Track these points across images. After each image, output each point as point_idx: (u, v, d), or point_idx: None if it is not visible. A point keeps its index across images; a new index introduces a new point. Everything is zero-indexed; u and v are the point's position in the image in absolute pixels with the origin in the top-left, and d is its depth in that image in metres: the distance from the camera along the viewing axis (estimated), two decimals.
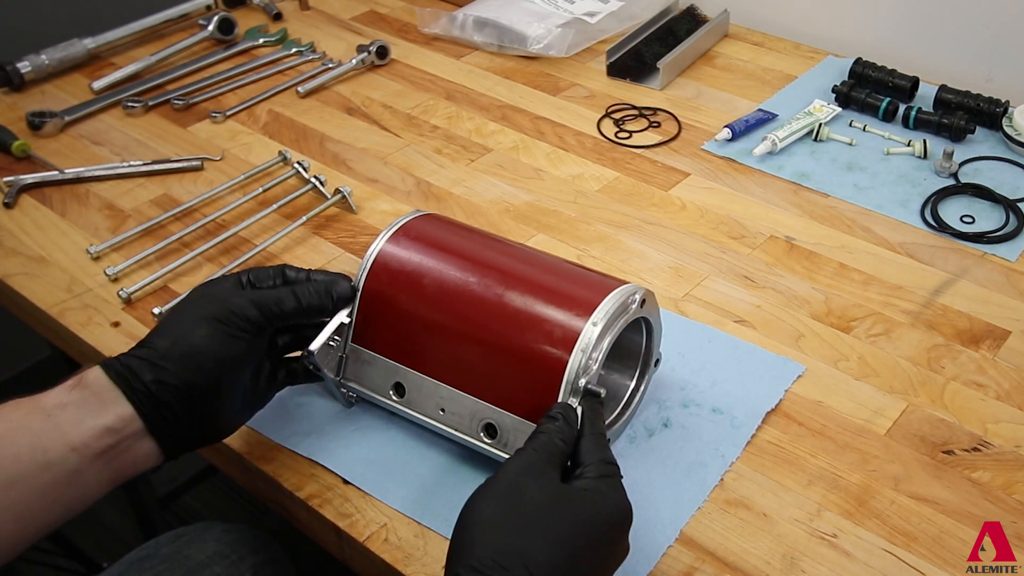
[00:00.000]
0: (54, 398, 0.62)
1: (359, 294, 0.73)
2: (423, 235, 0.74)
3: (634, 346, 0.74)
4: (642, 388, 0.75)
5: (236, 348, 0.66)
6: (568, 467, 0.62)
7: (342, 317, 0.73)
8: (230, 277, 0.71)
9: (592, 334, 0.65)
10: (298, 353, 0.74)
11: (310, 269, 0.74)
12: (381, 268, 0.73)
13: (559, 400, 0.65)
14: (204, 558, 0.80)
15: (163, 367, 0.64)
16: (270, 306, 0.68)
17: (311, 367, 0.73)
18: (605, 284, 0.69)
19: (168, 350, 0.65)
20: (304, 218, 0.99)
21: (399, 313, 0.72)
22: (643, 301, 0.69)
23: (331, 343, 0.73)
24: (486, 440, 0.69)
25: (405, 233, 0.74)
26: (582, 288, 0.69)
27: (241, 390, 0.69)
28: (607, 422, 0.71)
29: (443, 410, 0.71)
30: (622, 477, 0.61)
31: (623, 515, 0.59)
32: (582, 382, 0.65)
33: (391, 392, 0.73)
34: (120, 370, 0.64)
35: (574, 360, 0.65)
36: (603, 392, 0.65)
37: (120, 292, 0.90)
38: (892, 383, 0.81)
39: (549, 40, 1.28)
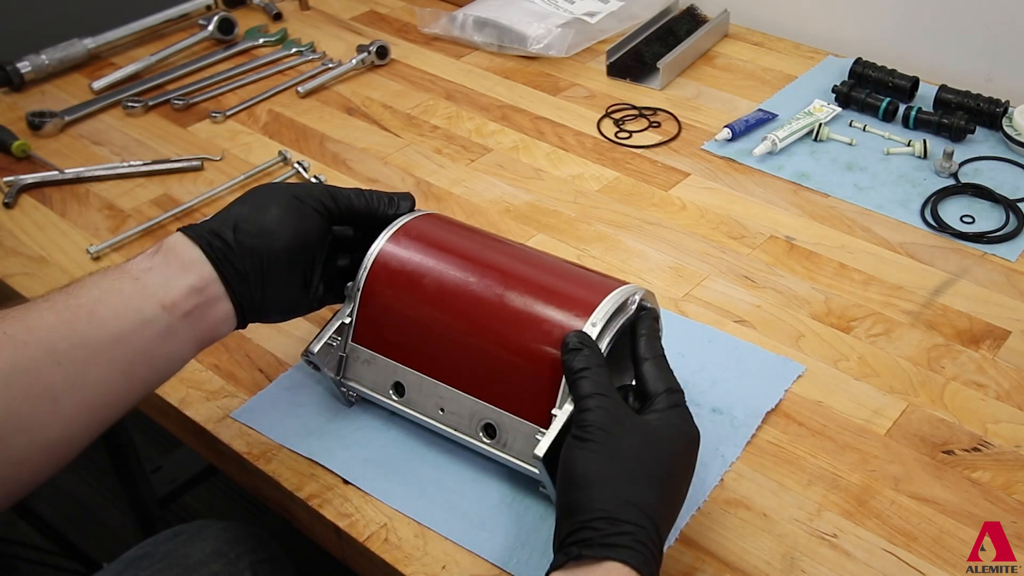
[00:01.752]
0: (139, 264, 0.66)
1: (359, 293, 0.73)
2: (424, 235, 0.74)
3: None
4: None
5: (308, 225, 0.70)
6: (636, 391, 0.66)
7: (343, 317, 0.73)
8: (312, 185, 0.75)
9: (591, 335, 0.65)
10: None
11: (386, 194, 0.77)
12: (381, 268, 0.73)
13: (558, 400, 0.65)
14: (202, 556, 0.80)
15: (243, 229, 0.68)
16: (342, 198, 0.73)
17: (311, 366, 0.73)
18: (604, 284, 0.69)
19: (246, 216, 0.68)
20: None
21: (399, 312, 0.72)
22: (642, 301, 0.69)
23: (331, 343, 0.73)
24: (485, 440, 0.69)
25: (406, 233, 0.74)
26: (581, 288, 0.69)
27: (305, 271, 0.72)
28: None
29: (442, 410, 0.71)
30: (685, 401, 0.64)
31: (695, 440, 0.64)
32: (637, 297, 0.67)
33: (391, 391, 0.73)
34: (200, 232, 0.67)
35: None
36: (659, 309, 0.67)
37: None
38: (892, 383, 0.81)
39: (549, 40, 1.28)
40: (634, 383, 0.66)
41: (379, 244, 0.74)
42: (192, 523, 0.85)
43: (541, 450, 0.63)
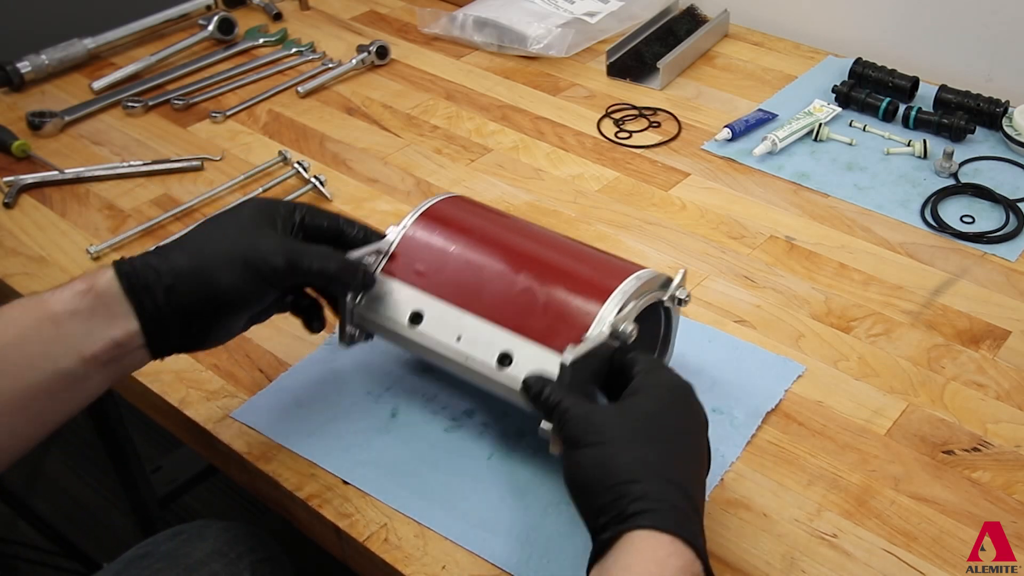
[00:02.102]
0: (64, 303, 0.62)
1: (400, 235, 0.74)
2: (474, 205, 0.79)
3: (649, 339, 0.74)
4: None
5: (252, 292, 0.67)
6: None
7: (382, 246, 0.74)
8: (280, 205, 0.71)
9: (632, 286, 0.67)
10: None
11: (366, 227, 0.74)
12: (432, 214, 0.75)
13: (588, 332, 0.66)
14: (203, 556, 0.80)
15: (176, 288, 0.64)
16: (303, 262, 0.68)
17: (344, 280, 0.71)
18: (629, 267, 0.71)
19: (185, 271, 0.65)
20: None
21: (438, 248, 0.73)
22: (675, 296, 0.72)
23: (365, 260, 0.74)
24: (496, 367, 0.69)
25: (457, 200, 0.78)
26: (625, 261, 0.73)
27: (242, 320, 0.70)
28: None
29: (459, 338, 0.70)
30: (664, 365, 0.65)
31: (681, 386, 0.63)
32: (621, 325, 0.66)
33: (406, 321, 0.72)
34: (134, 282, 0.64)
35: (612, 300, 0.67)
36: (634, 332, 0.66)
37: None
38: (892, 383, 0.81)
39: (549, 40, 1.28)
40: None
41: (433, 201, 0.77)
42: (192, 523, 0.85)
43: (568, 358, 0.63)
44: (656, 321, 0.74)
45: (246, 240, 0.67)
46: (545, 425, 0.64)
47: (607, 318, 0.66)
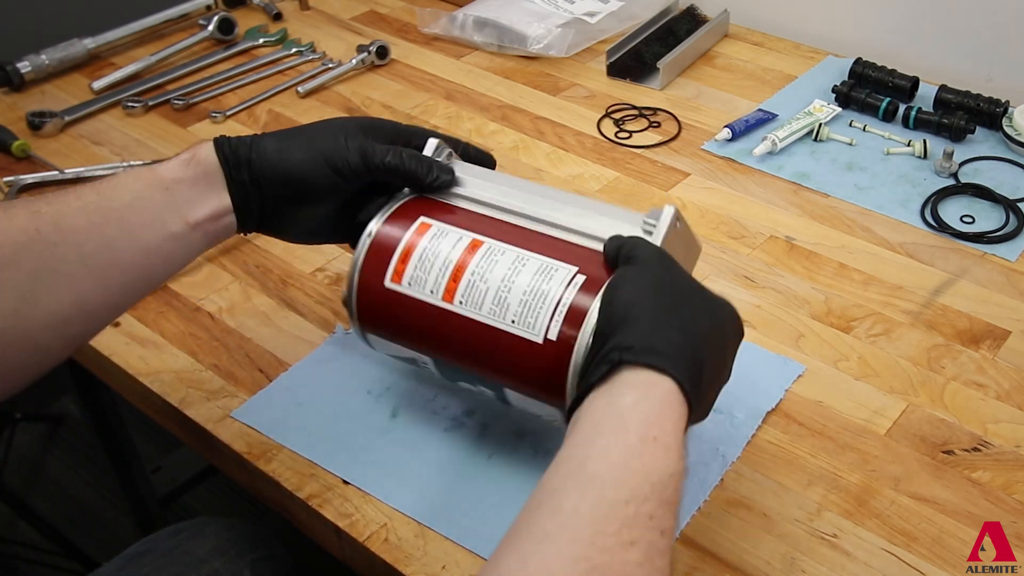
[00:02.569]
0: (171, 171, 0.67)
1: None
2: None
3: None
4: None
5: (325, 183, 0.70)
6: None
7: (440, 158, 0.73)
8: (388, 122, 0.74)
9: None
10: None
11: (453, 138, 0.76)
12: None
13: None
14: (203, 553, 0.80)
15: (263, 173, 0.69)
16: (373, 158, 0.70)
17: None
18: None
19: (273, 158, 0.69)
20: None
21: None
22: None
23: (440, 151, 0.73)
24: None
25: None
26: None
27: (323, 214, 0.72)
28: None
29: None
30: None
31: (656, 256, 0.61)
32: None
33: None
34: (229, 157, 0.68)
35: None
36: None
37: None
38: (892, 383, 0.81)
39: (549, 40, 1.28)
40: None
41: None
42: (192, 520, 0.85)
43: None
44: None
45: (331, 136, 0.71)
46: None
47: None
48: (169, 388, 0.82)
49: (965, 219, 0.99)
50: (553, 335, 0.62)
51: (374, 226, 0.69)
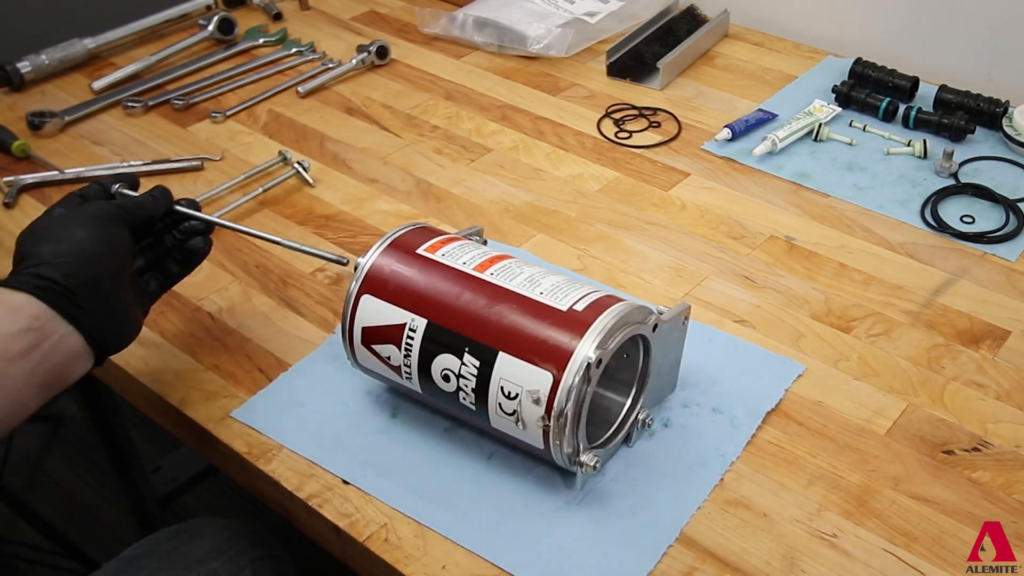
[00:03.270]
0: None
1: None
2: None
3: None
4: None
5: (120, 236, 0.70)
6: None
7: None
8: (68, 197, 0.73)
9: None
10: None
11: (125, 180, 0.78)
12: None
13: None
14: (202, 554, 0.80)
15: (59, 263, 0.66)
16: (129, 207, 0.72)
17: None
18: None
19: (56, 252, 0.66)
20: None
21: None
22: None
23: None
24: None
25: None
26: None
27: (126, 283, 0.70)
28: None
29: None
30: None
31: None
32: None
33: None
34: (21, 279, 0.65)
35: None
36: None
37: None
38: (892, 383, 0.81)
39: (549, 40, 1.28)
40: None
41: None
42: (191, 521, 0.85)
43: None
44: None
45: (80, 210, 0.70)
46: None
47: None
48: (169, 388, 0.82)
49: (965, 219, 0.99)
50: (579, 307, 0.67)
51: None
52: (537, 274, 0.70)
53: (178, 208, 0.77)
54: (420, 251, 0.73)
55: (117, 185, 0.77)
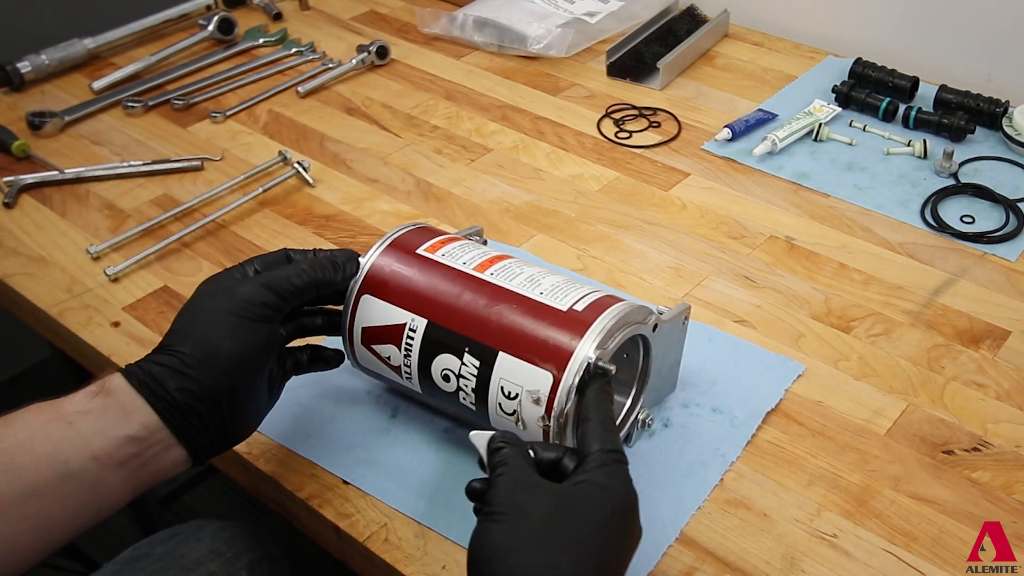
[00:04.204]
0: (76, 404, 0.61)
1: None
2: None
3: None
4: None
5: (257, 339, 0.65)
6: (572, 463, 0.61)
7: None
8: (234, 269, 0.69)
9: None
10: (301, 342, 0.73)
11: (314, 248, 0.73)
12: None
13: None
14: (199, 556, 0.80)
15: (186, 374, 0.62)
16: (282, 285, 0.66)
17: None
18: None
19: (190, 355, 0.62)
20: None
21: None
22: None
23: None
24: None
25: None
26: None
27: (263, 383, 0.67)
28: None
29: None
30: (625, 462, 0.59)
31: (627, 502, 0.58)
32: (592, 356, 0.64)
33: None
34: (143, 378, 0.62)
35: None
36: (612, 369, 0.64)
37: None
38: (892, 383, 0.81)
39: (549, 40, 1.28)
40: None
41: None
42: (189, 523, 0.84)
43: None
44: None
45: (227, 299, 0.65)
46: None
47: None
48: None
49: (965, 219, 0.99)
50: (579, 307, 0.66)
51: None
52: (537, 274, 0.70)
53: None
54: (420, 251, 0.73)
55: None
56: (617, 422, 0.73)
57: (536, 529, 0.54)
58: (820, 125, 1.11)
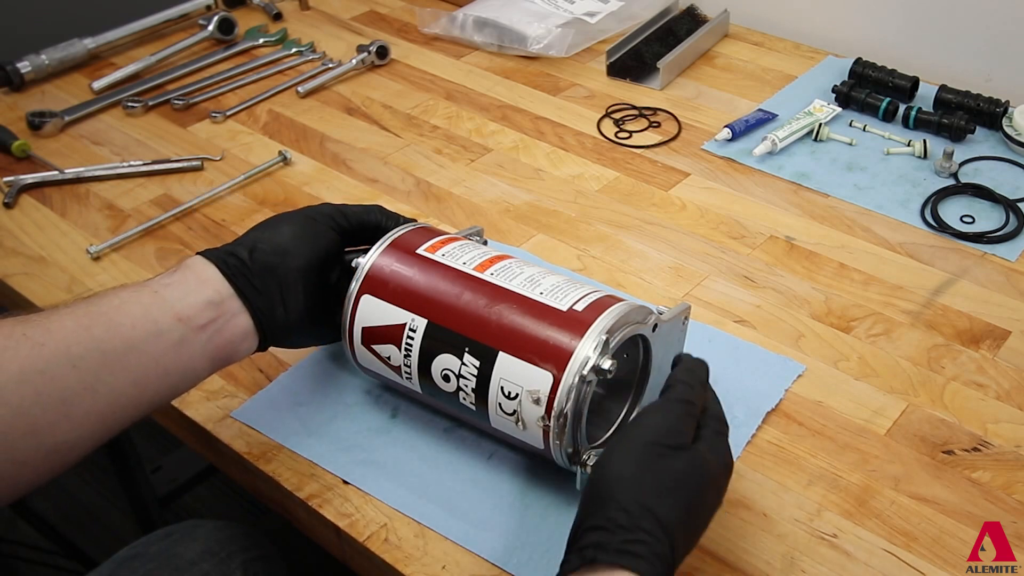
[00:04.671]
0: (159, 279, 0.68)
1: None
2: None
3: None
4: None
5: (322, 241, 0.73)
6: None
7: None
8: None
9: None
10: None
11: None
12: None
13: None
14: (193, 556, 0.80)
15: (259, 248, 0.70)
16: (350, 213, 0.76)
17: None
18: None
19: (261, 237, 0.72)
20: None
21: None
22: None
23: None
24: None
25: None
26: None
27: (321, 287, 0.73)
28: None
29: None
30: (727, 432, 0.64)
31: (730, 471, 0.63)
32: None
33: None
34: (218, 254, 0.70)
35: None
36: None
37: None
38: (892, 383, 0.81)
39: (549, 40, 1.28)
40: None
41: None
42: (183, 523, 0.84)
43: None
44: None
45: (305, 209, 0.75)
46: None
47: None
48: None
49: (965, 219, 0.99)
50: (579, 307, 0.67)
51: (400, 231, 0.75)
52: (537, 274, 0.70)
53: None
54: (420, 251, 0.73)
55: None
56: (617, 422, 0.73)
57: (663, 480, 0.58)
58: (820, 125, 1.11)
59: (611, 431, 0.73)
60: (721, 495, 0.62)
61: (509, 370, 0.66)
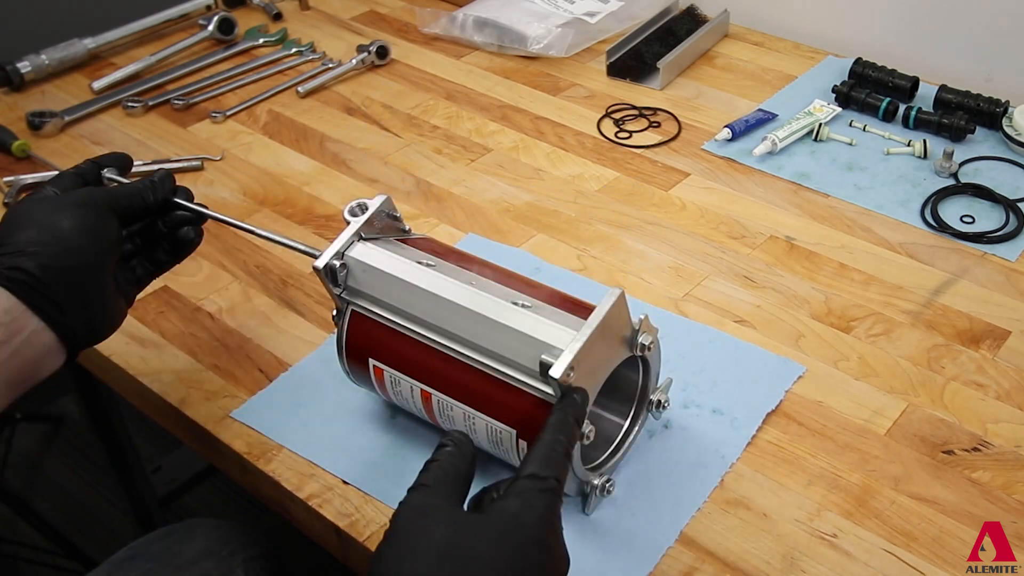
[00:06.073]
0: None
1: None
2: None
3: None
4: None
5: (107, 225, 0.67)
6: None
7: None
8: (59, 177, 0.70)
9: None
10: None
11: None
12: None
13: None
14: (193, 555, 0.80)
15: (36, 253, 0.63)
16: (122, 195, 0.70)
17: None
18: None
19: (35, 239, 0.63)
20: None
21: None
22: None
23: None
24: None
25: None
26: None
27: (114, 274, 0.68)
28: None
29: (472, 284, 0.68)
30: (552, 489, 0.54)
31: (536, 533, 0.52)
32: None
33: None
34: None
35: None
36: (585, 394, 0.62)
37: None
38: (892, 383, 0.81)
39: (549, 40, 1.28)
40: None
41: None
42: (183, 522, 0.84)
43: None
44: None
45: (69, 198, 0.67)
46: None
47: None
48: (169, 388, 0.82)
49: (965, 219, 0.99)
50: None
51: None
52: (467, 426, 0.67)
53: (174, 200, 0.74)
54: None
55: (106, 171, 0.74)
56: (615, 442, 0.72)
57: (424, 560, 0.50)
58: (820, 125, 1.11)
59: (611, 449, 0.72)
60: (531, 558, 0.51)
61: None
